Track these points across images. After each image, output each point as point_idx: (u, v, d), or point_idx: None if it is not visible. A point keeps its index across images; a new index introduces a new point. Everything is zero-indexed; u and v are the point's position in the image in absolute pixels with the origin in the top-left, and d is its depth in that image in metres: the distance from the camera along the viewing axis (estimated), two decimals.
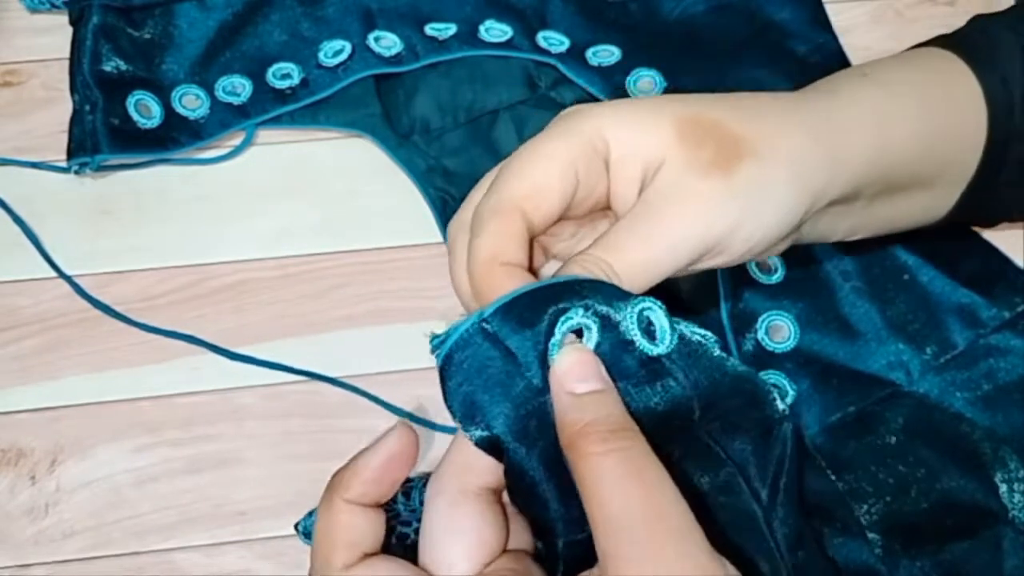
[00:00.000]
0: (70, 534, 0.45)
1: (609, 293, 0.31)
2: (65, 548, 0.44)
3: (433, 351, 0.32)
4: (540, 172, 0.34)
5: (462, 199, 0.52)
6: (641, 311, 0.31)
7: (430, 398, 0.48)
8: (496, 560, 0.31)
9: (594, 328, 0.30)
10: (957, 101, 0.41)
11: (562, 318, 0.30)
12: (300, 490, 0.46)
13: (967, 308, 0.48)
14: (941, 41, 0.45)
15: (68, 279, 0.50)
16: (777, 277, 0.49)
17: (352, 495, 0.31)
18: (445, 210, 0.52)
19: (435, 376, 0.48)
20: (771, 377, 0.47)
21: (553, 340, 0.30)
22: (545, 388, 0.30)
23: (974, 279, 0.48)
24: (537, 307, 0.31)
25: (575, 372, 0.30)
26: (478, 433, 0.31)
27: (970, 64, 0.42)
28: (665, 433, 0.31)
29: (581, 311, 0.30)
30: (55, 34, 0.56)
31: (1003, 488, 0.44)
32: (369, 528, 0.31)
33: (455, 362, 0.31)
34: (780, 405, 0.33)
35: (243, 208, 0.53)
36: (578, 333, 0.31)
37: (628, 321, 0.31)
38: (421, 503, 0.37)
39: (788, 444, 0.34)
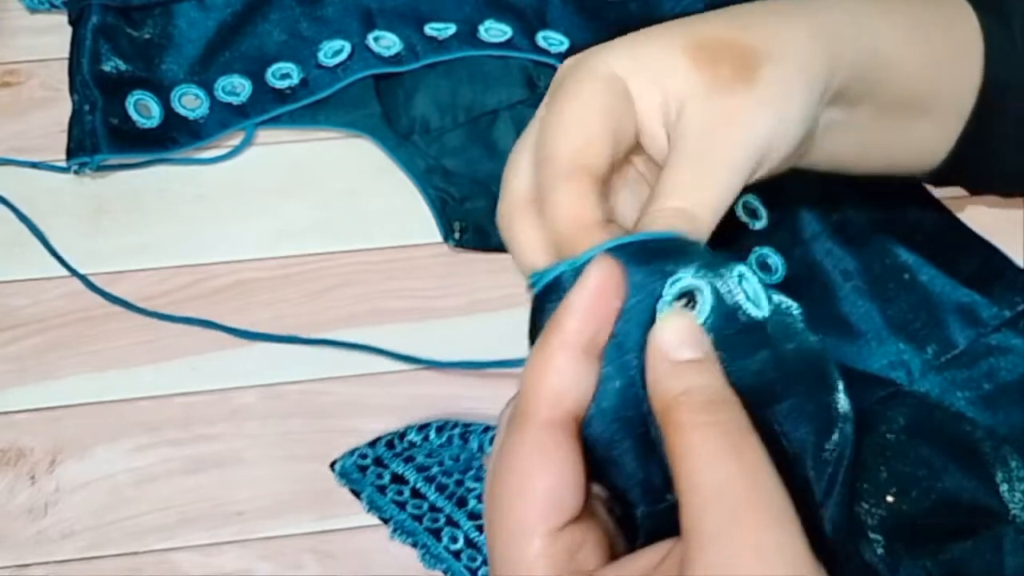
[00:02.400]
0: (69, 534, 0.45)
1: (707, 257, 0.29)
2: (64, 548, 0.44)
3: (533, 285, 0.30)
4: (583, 123, 0.33)
5: (462, 199, 0.53)
6: (740, 275, 0.29)
7: (431, 396, 0.48)
8: (573, 523, 0.27)
9: (707, 291, 0.28)
10: (952, 30, 0.41)
11: (671, 279, 0.28)
12: (299, 490, 0.46)
13: (967, 307, 0.48)
14: None
15: (79, 275, 0.50)
16: (778, 277, 0.49)
17: (568, 335, 0.27)
18: (445, 210, 0.52)
19: (435, 376, 0.48)
20: None
21: (663, 300, 0.28)
22: (640, 347, 0.28)
23: (974, 278, 0.48)
24: (647, 261, 0.28)
25: (678, 338, 0.28)
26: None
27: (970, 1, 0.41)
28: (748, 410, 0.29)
29: (692, 271, 0.28)
30: (55, 34, 0.56)
31: (1004, 487, 0.44)
32: (578, 380, 0.28)
33: (561, 287, 0.29)
34: (844, 402, 0.31)
35: (243, 208, 0.53)
36: (684, 297, 0.28)
37: (732, 284, 0.28)
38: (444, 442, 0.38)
39: (848, 445, 0.31)
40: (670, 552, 0.26)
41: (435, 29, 0.56)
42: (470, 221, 0.52)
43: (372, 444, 0.45)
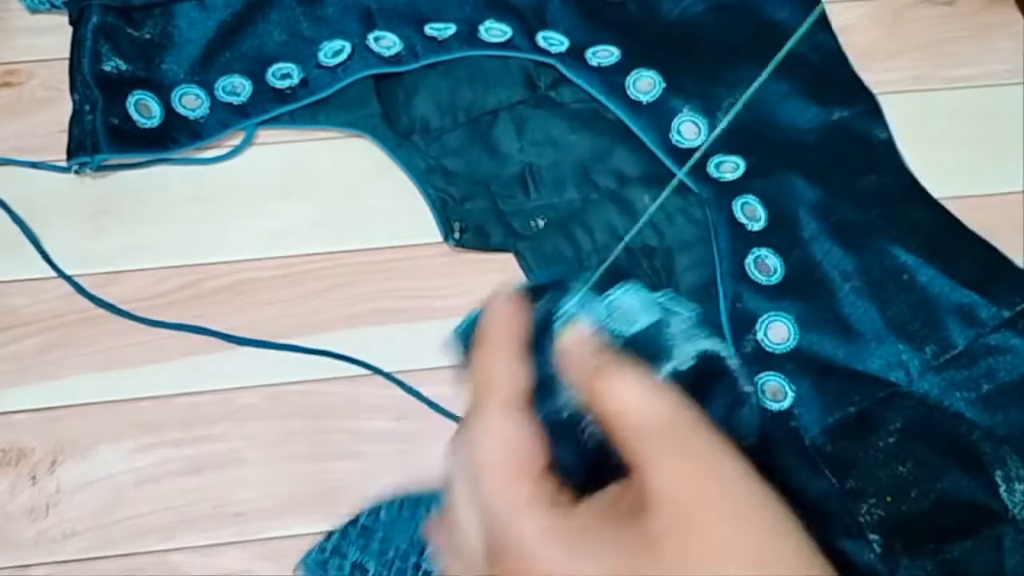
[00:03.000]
0: (70, 534, 0.45)
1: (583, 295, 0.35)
2: (65, 548, 0.44)
3: (455, 339, 0.35)
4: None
5: (462, 199, 0.53)
6: (610, 302, 0.35)
7: (431, 396, 0.48)
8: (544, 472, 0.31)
9: (584, 319, 0.34)
10: None
11: (558, 312, 0.34)
12: (300, 491, 0.46)
13: (966, 308, 0.48)
14: None
15: (67, 278, 0.50)
16: (776, 278, 0.49)
17: (497, 338, 0.33)
18: (445, 210, 0.52)
19: (435, 376, 0.48)
20: (770, 378, 0.47)
21: (555, 327, 0.34)
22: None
23: (973, 279, 0.48)
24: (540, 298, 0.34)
25: (577, 337, 0.33)
26: None
27: None
28: None
29: (575, 303, 0.34)
30: (55, 34, 0.56)
31: (1003, 487, 0.44)
32: (515, 371, 0.33)
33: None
34: (744, 384, 0.35)
35: (243, 208, 0.53)
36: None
37: (606, 308, 0.34)
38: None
39: (753, 423, 0.35)
40: (625, 486, 0.31)
41: (435, 29, 0.56)
42: (470, 221, 0.52)
43: (329, 536, 0.45)
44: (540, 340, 0.34)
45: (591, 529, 0.29)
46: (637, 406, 0.30)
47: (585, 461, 0.33)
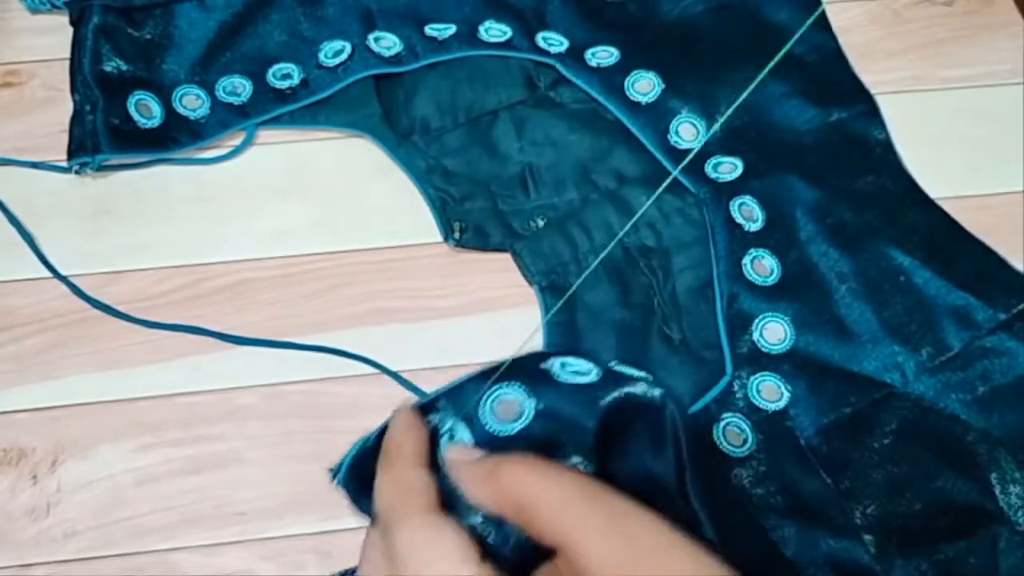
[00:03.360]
0: (71, 534, 0.45)
1: (464, 399, 0.36)
2: (66, 548, 0.45)
3: (342, 478, 0.36)
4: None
5: (462, 199, 0.53)
6: (494, 400, 0.36)
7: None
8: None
9: (461, 427, 0.35)
10: None
11: (441, 429, 0.35)
12: (300, 490, 0.46)
13: (962, 310, 0.48)
14: None
15: (64, 279, 0.50)
16: (773, 279, 0.50)
17: (403, 454, 0.34)
18: (445, 210, 0.52)
19: (435, 375, 0.48)
20: (766, 379, 0.47)
21: (442, 442, 0.35)
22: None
23: (970, 281, 0.49)
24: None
25: (457, 454, 0.35)
26: None
27: None
28: None
29: (450, 417, 0.36)
30: (55, 34, 0.56)
31: (998, 488, 0.44)
32: (425, 479, 0.34)
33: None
34: (655, 395, 0.35)
35: (243, 208, 0.53)
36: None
37: (485, 415, 0.35)
38: None
39: (679, 433, 0.36)
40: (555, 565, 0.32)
41: (435, 29, 0.56)
42: (470, 221, 0.53)
43: None
44: (433, 457, 0.35)
45: None
46: (548, 489, 0.31)
47: (508, 558, 0.34)
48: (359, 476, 0.36)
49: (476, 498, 0.33)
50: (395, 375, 0.48)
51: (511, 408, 0.35)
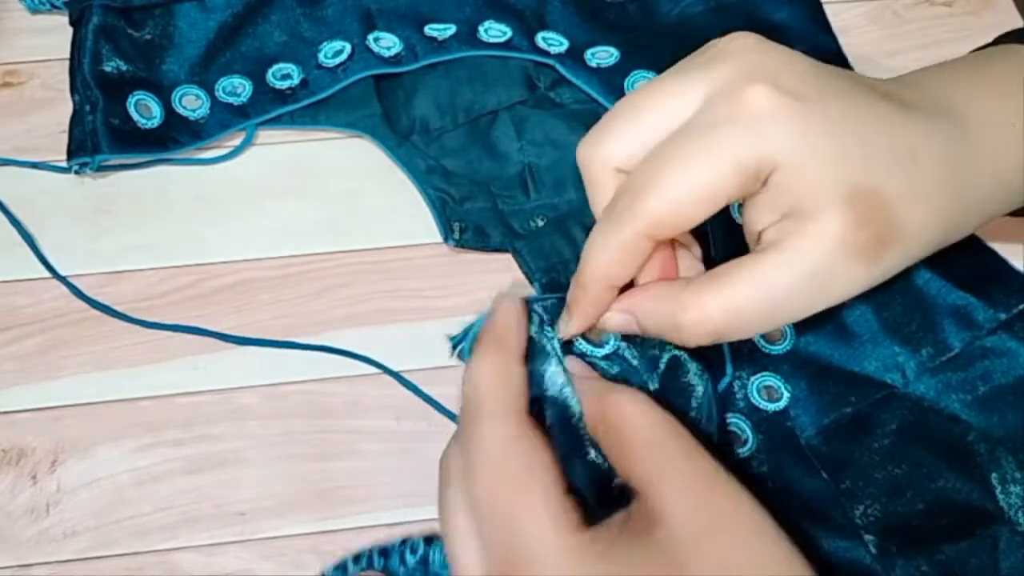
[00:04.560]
0: (71, 534, 0.45)
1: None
2: (66, 548, 0.45)
3: (455, 348, 0.35)
4: (681, 205, 0.32)
5: (462, 199, 0.53)
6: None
7: (431, 396, 0.48)
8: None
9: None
10: None
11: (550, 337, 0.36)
12: (301, 490, 0.46)
13: (963, 310, 0.48)
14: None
15: (63, 279, 0.50)
16: None
17: (499, 342, 0.34)
18: (444, 210, 0.53)
19: (435, 376, 0.48)
20: (766, 379, 0.47)
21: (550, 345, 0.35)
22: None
23: (970, 281, 0.49)
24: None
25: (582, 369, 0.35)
26: None
27: None
28: None
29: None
30: (55, 34, 0.56)
31: (999, 489, 0.44)
32: (518, 378, 0.33)
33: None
34: (698, 385, 0.37)
35: (243, 208, 0.53)
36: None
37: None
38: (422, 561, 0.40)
39: (713, 417, 0.37)
40: (630, 511, 0.31)
41: (435, 30, 0.56)
42: (470, 221, 0.53)
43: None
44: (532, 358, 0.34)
45: (613, 547, 0.29)
46: (644, 426, 0.31)
47: (589, 483, 0.33)
48: None
49: (585, 415, 0.33)
50: (395, 375, 0.48)
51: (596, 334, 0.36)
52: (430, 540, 0.42)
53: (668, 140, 0.33)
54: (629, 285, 0.36)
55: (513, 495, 0.30)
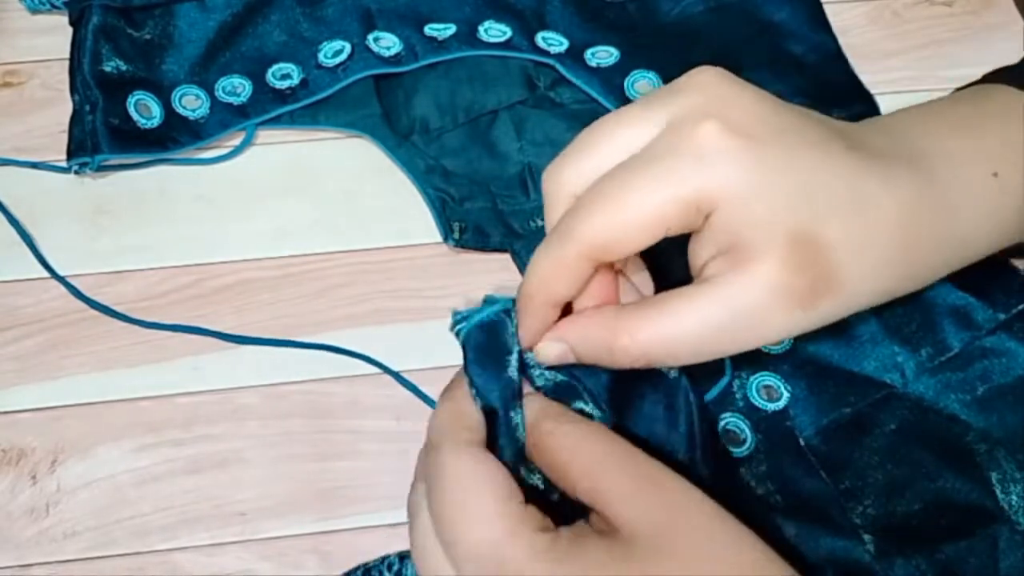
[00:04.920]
0: (71, 534, 0.45)
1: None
2: (66, 548, 0.45)
3: (455, 326, 0.36)
4: (617, 230, 0.33)
5: (462, 199, 0.53)
6: None
7: (432, 397, 0.48)
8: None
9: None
10: None
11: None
12: (301, 490, 0.46)
13: (962, 310, 0.48)
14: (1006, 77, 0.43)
15: (61, 279, 0.50)
16: None
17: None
18: (444, 210, 0.53)
19: (435, 375, 0.48)
20: (766, 378, 0.47)
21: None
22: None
23: (969, 281, 0.48)
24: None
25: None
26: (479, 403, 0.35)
27: None
28: None
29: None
30: (55, 34, 0.56)
31: (998, 489, 0.44)
32: (477, 414, 0.35)
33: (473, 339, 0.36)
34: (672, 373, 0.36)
35: (243, 208, 0.53)
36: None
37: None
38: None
39: (691, 404, 0.37)
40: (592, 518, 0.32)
41: (435, 29, 0.56)
42: (470, 221, 0.53)
43: None
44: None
45: (572, 549, 0.30)
46: (576, 451, 0.32)
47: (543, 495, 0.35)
48: (482, 343, 0.36)
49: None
50: (395, 375, 0.48)
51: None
52: (403, 557, 0.43)
53: (617, 167, 0.34)
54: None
55: (470, 505, 0.31)
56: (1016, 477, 0.44)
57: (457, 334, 0.36)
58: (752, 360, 0.47)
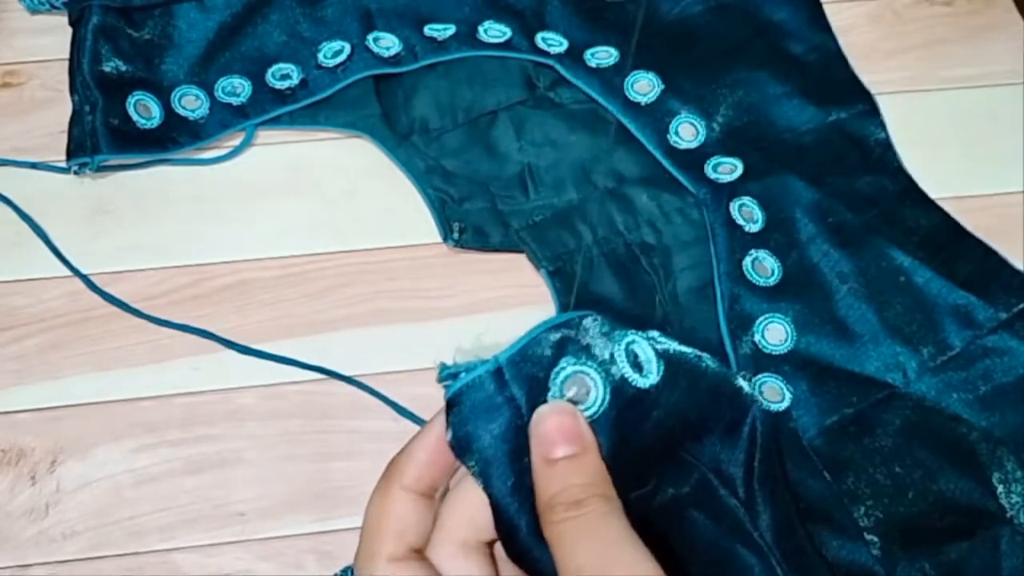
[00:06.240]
0: (70, 534, 0.45)
1: (599, 332, 0.30)
2: (65, 548, 0.45)
3: (441, 381, 0.31)
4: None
5: (461, 199, 0.53)
6: (628, 345, 0.30)
7: (431, 397, 0.48)
8: None
9: (593, 375, 0.29)
10: None
11: (554, 370, 0.29)
12: (299, 490, 0.46)
13: (964, 309, 0.48)
14: None
15: (77, 272, 0.50)
16: (774, 279, 0.50)
17: (408, 481, 0.29)
18: (444, 210, 0.52)
19: (434, 376, 0.48)
20: (768, 380, 0.47)
21: (551, 393, 0.29)
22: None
23: (971, 280, 0.49)
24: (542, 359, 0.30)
25: (553, 436, 0.28)
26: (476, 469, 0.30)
27: None
28: (647, 461, 0.31)
29: (573, 359, 0.29)
30: (55, 35, 0.56)
31: (1000, 489, 0.44)
32: (419, 519, 0.29)
33: (463, 401, 0.30)
34: (745, 387, 0.33)
35: (243, 208, 0.53)
36: (574, 386, 0.30)
37: (619, 358, 0.30)
38: None
39: (757, 427, 0.33)
40: None
41: (434, 30, 0.56)
42: (469, 221, 0.53)
43: None
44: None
45: None
46: (572, 561, 0.27)
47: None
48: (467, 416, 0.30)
49: None
50: (398, 406, 0.48)
51: (641, 361, 0.31)
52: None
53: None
54: None
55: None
56: (1018, 477, 0.44)
57: (443, 384, 0.30)
58: (754, 361, 0.47)
